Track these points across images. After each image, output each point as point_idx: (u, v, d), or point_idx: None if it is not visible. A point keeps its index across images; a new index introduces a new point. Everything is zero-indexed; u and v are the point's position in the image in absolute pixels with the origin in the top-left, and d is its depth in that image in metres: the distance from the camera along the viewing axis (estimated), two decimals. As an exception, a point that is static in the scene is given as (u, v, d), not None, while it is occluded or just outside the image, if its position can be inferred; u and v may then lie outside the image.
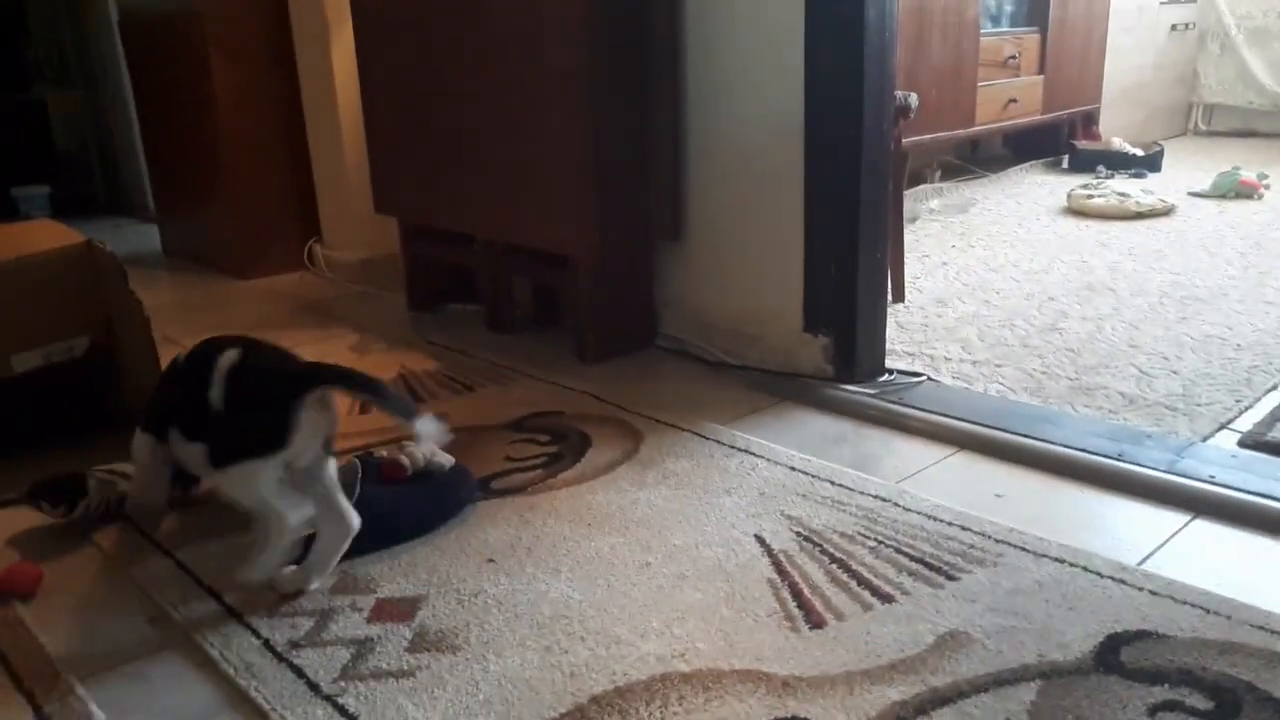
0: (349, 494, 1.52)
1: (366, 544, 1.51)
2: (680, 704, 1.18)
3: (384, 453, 1.62)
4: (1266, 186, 3.98)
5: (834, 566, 1.46)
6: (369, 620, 1.38)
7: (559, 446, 1.89)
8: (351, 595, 1.44)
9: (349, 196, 3.18)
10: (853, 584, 1.41)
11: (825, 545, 1.51)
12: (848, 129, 2.00)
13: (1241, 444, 1.80)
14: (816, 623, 1.33)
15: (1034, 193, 4.19)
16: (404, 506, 1.57)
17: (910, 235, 3.41)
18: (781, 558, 1.49)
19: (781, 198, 2.15)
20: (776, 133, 2.13)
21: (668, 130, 2.30)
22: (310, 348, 1.79)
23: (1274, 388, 2.05)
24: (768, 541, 1.53)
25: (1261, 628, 1.26)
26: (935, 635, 1.29)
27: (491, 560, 1.51)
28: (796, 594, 1.40)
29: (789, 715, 1.16)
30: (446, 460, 1.65)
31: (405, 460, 1.60)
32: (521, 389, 2.22)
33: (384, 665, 1.28)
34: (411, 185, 2.73)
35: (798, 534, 1.55)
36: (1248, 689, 1.16)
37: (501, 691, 1.22)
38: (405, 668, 1.27)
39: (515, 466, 1.82)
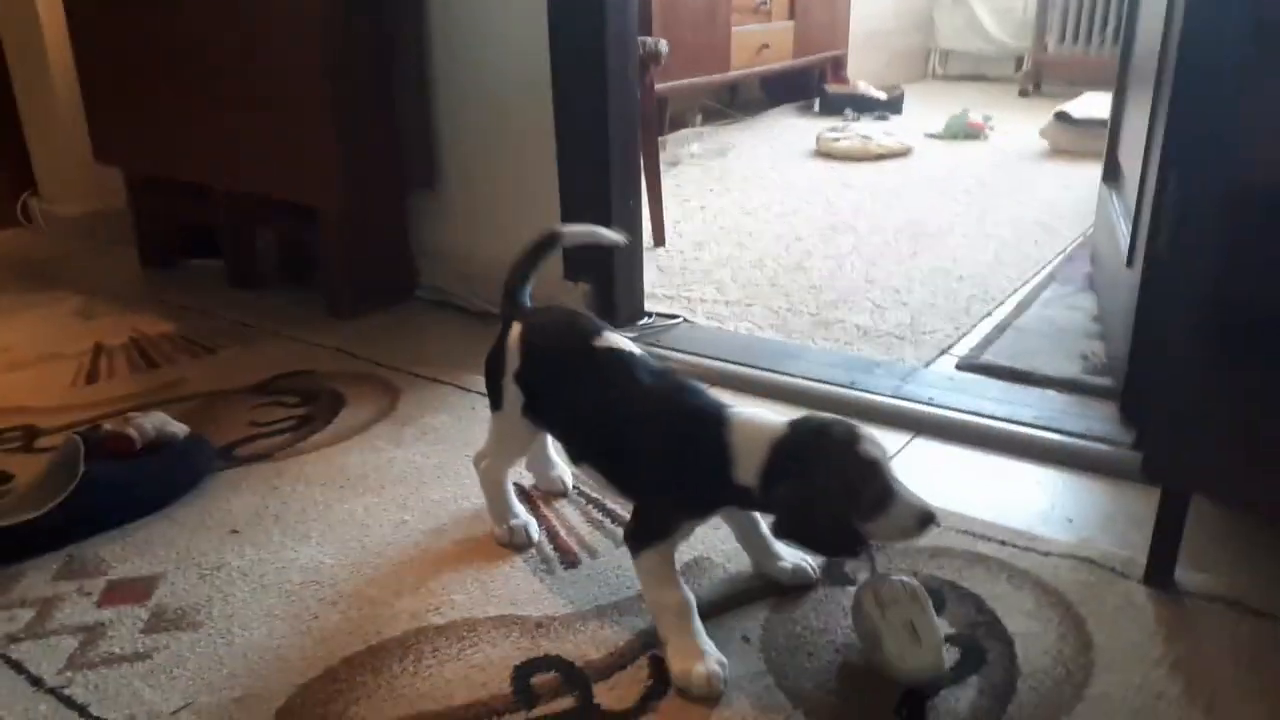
0: (72, 473, 1.41)
1: (95, 524, 1.42)
2: (434, 655, 1.19)
3: (108, 426, 1.51)
4: (991, 128, 4.34)
5: (590, 507, 1.50)
6: (100, 604, 1.29)
7: (309, 408, 1.83)
8: (79, 580, 1.34)
9: (67, 144, 2.87)
10: (607, 522, 1.46)
11: (582, 487, 1.55)
12: (592, 75, 2.01)
13: (958, 367, 1.98)
14: (571, 563, 1.37)
15: (787, 136, 4.38)
16: (135, 482, 1.47)
17: (672, 179, 3.50)
18: (541, 504, 1.51)
19: (535, 144, 2.14)
20: (525, 79, 2.11)
21: (413, 75, 2.23)
22: (27, 314, 1.61)
23: (988, 314, 2.26)
24: (527, 489, 1.55)
25: (966, 532, 1.41)
26: (682, 563, 1.35)
27: (236, 531, 1.45)
28: (553, 537, 1.43)
29: (540, 654, 1.19)
30: (180, 429, 1.56)
31: (133, 432, 1.49)
32: (268, 348, 2.12)
33: (117, 650, 1.21)
34: (137, 132, 2.51)
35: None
36: (951, 587, 1.29)
37: (247, 664, 1.18)
38: (141, 650, 1.21)
39: (261, 431, 1.74)
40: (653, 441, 1.18)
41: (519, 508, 1.44)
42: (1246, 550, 1.36)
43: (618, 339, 1.29)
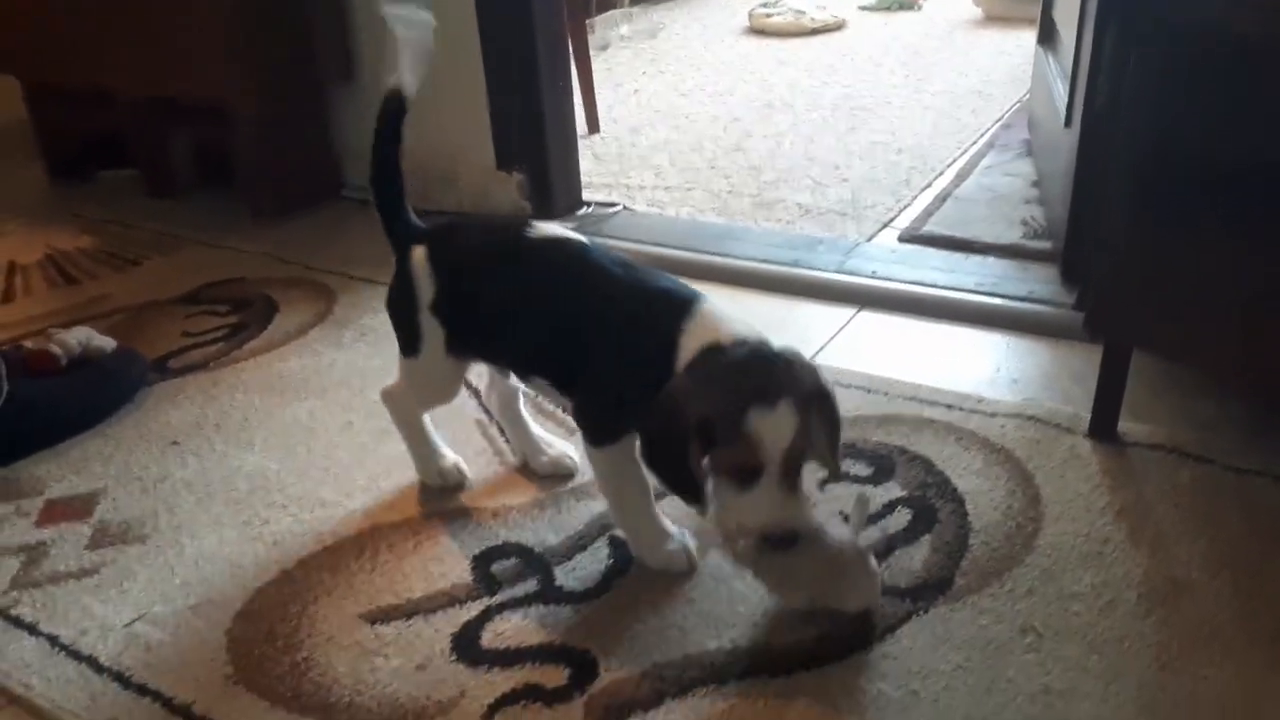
0: (-4, 393, 1.36)
1: (25, 445, 1.37)
2: (391, 551, 1.18)
3: (29, 344, 1.44)
4: (924, -1, 4.26)
5: (540, 398, 1.48)
6: (39, 524, 1.26)
7: (242, 315, 1.77)
8: (15, 501, 1.30)
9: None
10: (559, 412, 1.44)
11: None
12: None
13: (900, 239, 1.98)
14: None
15: (718, 13, 4.26)
16: (63, 399, 1.42)
17: (603, 64, 3.39)
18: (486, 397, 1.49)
19: (456, 28, 2.03)
20: (442, -43, 2.00)
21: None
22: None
23: (928, 186, 2.25)
24: (473, 383, 1.52)
25: (913, 399, 1.42)
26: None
27: (176, 443, 1.41)
28: (503, 429, 1.41)
29: (499, 543, 1.18)
30: (107, 343, 1.50)
31: (56, 349, 1.43)
32: (193, 257, 2.04)
33: (61, 567, 1.18)
34: (28, 35, 2.34)
35: (501, 372, 1.55)
36: (900, 452, 1.31)
37: (199, 572, 1.16)
38: (87, 566, 1.18)
39: (194, 342, 1.68)
40: (614, 331, 1.04)
41: (442, 445, 1.31)
42: (1185, 401, 1.39)
43: (553, 226, 1.16)
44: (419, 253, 1.16)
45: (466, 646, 1.04)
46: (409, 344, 1.20)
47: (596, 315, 1.05)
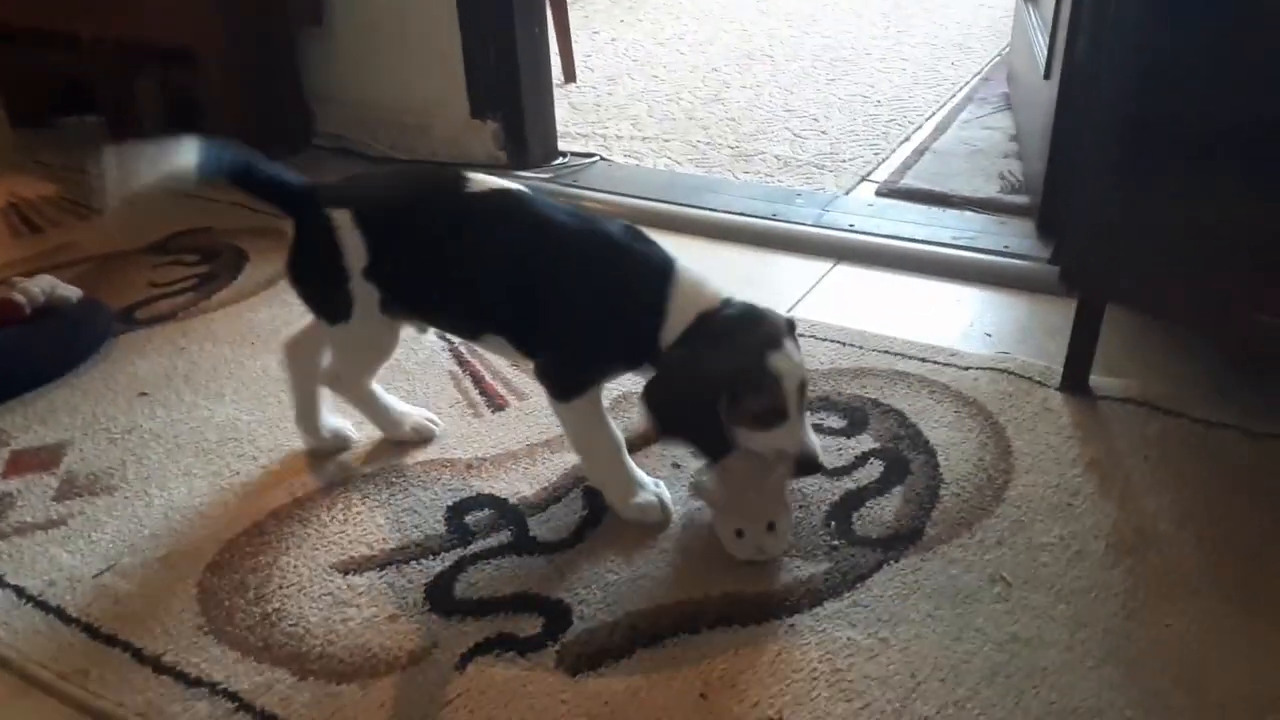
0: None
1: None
2: (364, 503, 1.17)
3: (-8, 292, 1.42)
4: (905, -50, 4.20)
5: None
6: (4, 475, 1.24)
7: (211, 265, 1.74)
8: (-21, 454, 1.28)
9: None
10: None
11: (503, 331, 1.51)
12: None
13: (878, 193, 1.97)
14: (499, 405, 1.35)
15: (699, -37, 4.19)
16: (27, 349, 1.40)
17: (580, 12, 3.33)
18: (462, 350, 1.48)
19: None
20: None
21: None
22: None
23: (907, 139, 2.24)
24: (447, 335, 1.51)
25: (886, 351, 1.42)
26: (609, 400, 1.34)
27: (144, 394, 1.39)
28: (478, 381, 1.40)
29: (473, 494, 1.18)
30: (72, 292, 1.47)
31: (20, 298, 1.40)
32: (161, 206, 1.96)
33: (29, 518, 1.16)
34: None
35: (475, 323, 1.54)
36: (874, 404, 1.31)
37: (169, 524, 1.15)
38: (54, 517, 1.17)
39: (162, 292, 1.66)
40: (589, 286, 1.05)
41: (402, 404, 1.29)
42: (1157, 355, 1.40)
43: (494, 180, 1.11)
44: (343, 216, 1.09)
45: (440, 597, 1.04)
46: (338, 312, 1.13)
47: (563, 272, 1.06)
